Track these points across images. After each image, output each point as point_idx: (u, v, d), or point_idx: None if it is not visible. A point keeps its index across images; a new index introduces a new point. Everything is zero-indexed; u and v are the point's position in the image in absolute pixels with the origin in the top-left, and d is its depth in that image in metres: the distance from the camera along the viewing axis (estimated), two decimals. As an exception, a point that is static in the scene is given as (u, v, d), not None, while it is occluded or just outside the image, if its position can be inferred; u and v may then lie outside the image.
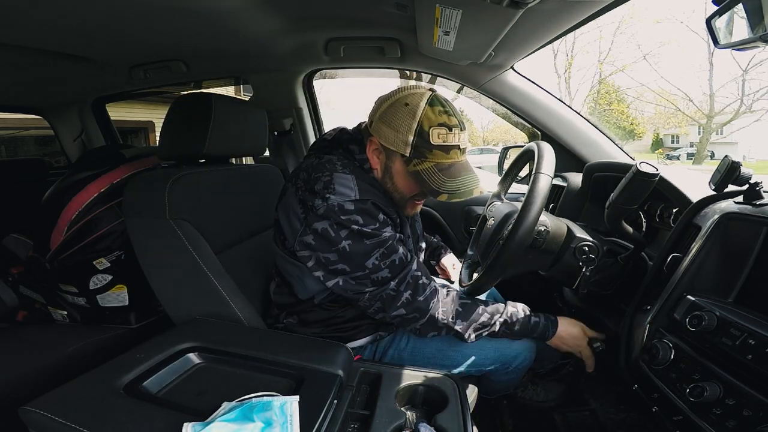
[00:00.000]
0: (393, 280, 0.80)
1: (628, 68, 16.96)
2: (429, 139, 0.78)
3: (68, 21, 0.94)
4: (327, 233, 0.78)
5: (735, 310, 0.62)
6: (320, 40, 1.29)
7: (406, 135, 0.79)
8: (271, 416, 0.53)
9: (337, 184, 0.78)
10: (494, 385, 1.02)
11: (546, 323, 0.91)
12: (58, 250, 1.21)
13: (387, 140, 0.82)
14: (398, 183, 0.86)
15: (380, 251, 0.79)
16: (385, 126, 0.82)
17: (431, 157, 0.80)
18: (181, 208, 0.88)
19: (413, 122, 0.78)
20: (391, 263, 0.80)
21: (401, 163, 0.84)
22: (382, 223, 0.80)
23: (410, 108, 0.79)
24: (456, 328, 0.84)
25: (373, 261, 0.79)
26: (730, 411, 0.56)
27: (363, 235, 0.78)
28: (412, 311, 0.82)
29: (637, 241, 0.88)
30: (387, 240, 0.80)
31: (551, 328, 0.91)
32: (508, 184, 1.11)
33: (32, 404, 0.56)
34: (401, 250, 0.82)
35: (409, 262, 0.83)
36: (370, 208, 0.79)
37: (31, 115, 2.04)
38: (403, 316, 0.83)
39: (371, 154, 0.86)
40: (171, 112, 1.02)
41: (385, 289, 0.80)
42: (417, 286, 0.83)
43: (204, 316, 0.87)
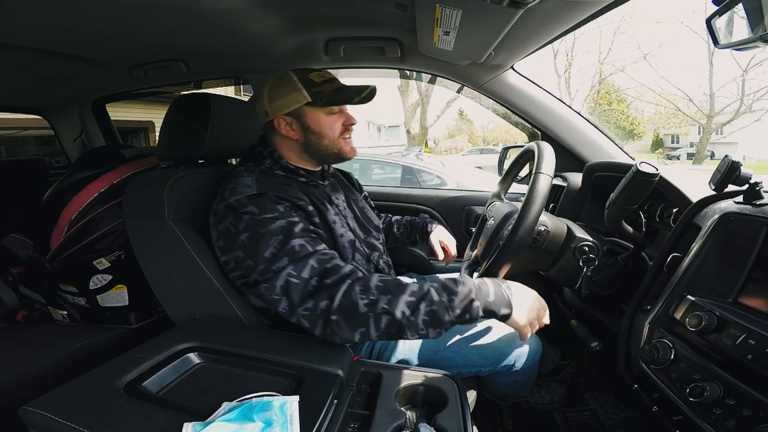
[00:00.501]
0: (293, 267, 0.73)
1: (628, 68, 17.04)
2: (314, 80, 0.89)
3: (68, 21, 0.94)
4: (228, 230, 0.79)
5: (735, 310, 0.62)
6: (320, 40, 1.29)
7: (297, 90, 0.88)
8: (271, 416, 0.53)
9: (238, 185, 0.82)
10: (501, 389, 1.01)
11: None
12: (58, 250, 1.21)
13: (288, 105, 0.88)
14: (322, 128, 0.91)
15: (278, 239, 0.75)
16: (278, 99, 0.89)
17: (327, 87, 0.89)
18: (180, 209, 0.88)
19: (295, 81, 0.88)
20: (290, 250, 0.74)
21: (312, 110, 0.89)
22: (283, 212, 0.78)
23: (284, 78, 0.90)
24: (382, 304, 0.70)
25: (271, 251, 0.74)
26: (730, 411, 0.56)
27: (258, 223, 0.76)
28: (322, 299, 0.71)
29: (637, 241, 0.88)
30: (284, 227, 0.76)
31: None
32: (508, 184, 1.11)
33: (32, 404, 0.56)
34: (304, 239, 0.76)
35: (316, 251, 0.76)
36: (267, 199, 0.79)
37: (31, 115, 2.04)
38: (313, 310, 0.71)
39: (285, 131, 0.91)
40: (170, 113, 1.02)
41: (287, 279, 0.73)
42: (325, 270, 0.74)
43: (204, 316, 0.87)
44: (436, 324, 0.71)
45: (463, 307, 0.71)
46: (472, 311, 0.72)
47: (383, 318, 0.70)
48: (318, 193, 0.93)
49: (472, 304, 0.72)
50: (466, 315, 0.72)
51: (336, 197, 0.98)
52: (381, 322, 0.70)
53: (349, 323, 0.70)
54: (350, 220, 0.98)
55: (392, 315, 0.70)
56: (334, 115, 0.92)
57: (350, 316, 0.70)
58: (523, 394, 1.10)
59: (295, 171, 0.92)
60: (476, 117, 27.55)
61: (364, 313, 0.70)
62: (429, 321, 0.70)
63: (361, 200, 1.12)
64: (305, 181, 0.93)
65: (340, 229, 0.91)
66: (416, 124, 13.78)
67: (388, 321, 0.70)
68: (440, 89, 3.78)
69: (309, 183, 0.93)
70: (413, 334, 0.71)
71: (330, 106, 0.90)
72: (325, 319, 0.71)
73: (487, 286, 0.75)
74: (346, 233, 0.92)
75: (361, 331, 0.71)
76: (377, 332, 0.71)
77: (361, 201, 1.12)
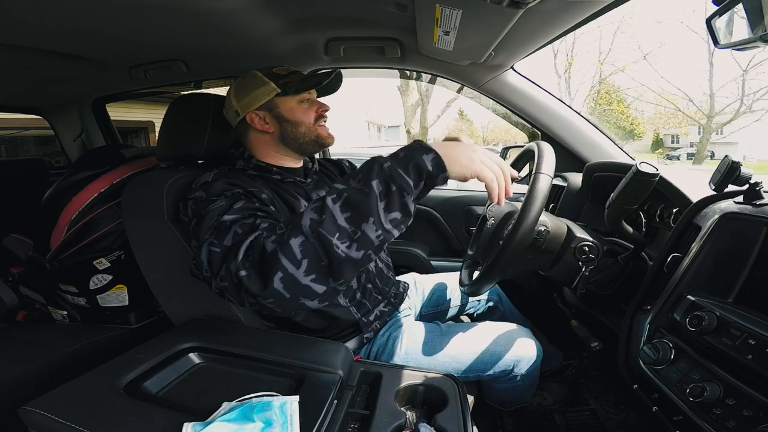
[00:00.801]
0: (215, 236, 0.66)
1: (628, 68, 17.01)
2: (280, 74, 0.90)
3: (68, 21, 0.94)
4: (183, 221, 0.79)
5: (735, 310, 0.62)
6: (320, 40, 1.29)
7: (265, 83, 0.88)
8: (271, 416, 0.53)
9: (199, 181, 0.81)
10: (502, 394, 1.00)
11: (407, 153, 0.61)
12: (58, 250, 1.21)
13: (258, 99, 0.88)
14: (296, 116, 0.90)
15: (215, 219, 0.68)
16: (247, 96, 0.89)
17: (293, 77, 0.90)
18: (179, 210, 0.88)
19: (261, 76, 0.89)
20: (221, 223, 0.67)
21: (284, 100, 0.89)
22: (229, 197, 0.73)
23: (248, 76, 0.91)
24: (288, 231, 0.59)
25: (208, 227, 0.68)
26: (730, 411, 0.56)
27: (201, 205, 0.72)
28: (230, 259, 0.62)
29: (637, 241, 0.88)
30: (225, 206, 0.70)
31: (420, 154, 0.60)
32: (508, 184, 1.10)
33: (32, 404, 0.56)
34: (239, 213, 0.69)
35: (244, 218, 0.68)
36: (217, 183, 0.76)
37: (31, 115, 2.04)
38: (227, 276, 0.62)
39: (260, 125, 0.90)
40: (169, 113, 1.02)
41: (209, 248, 0.65)
42: (244, 234, 0.65)
43: (204, 316, 0.87)
44: (363, 213, 0.57)
45: (378, 177, 0.58)
46: (393, 176, 0.58)
47: (293, 242, 0.57)
48: (292, 189, 0.91)
49: (383, 167, 0.58)
50: (391, 186, 0.58)
51: (318, 194, 0.94)
52: (293, 249, 0.57)
53: (261, 271, 0.59)
54: None
55: (300, 230, 0.57)
56: (305, 103, 0.92)
57: (261, 262, 0.59)
58: (526, 400, 1.09)
59: (267, 168, 0.91)
60: (476, 117, 27.57)
61: (273, 251, 0.58)
62: (352, 215, 0.57)
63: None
64: (279, 178, 0.91)
65: None
66: (416, 124, 13.77)
67: (301, 243, 0.57)
68: (440, 89, 3.74)
69: (284, 180, 0.92)
70: (344, 242, 0.57)
71: (301, 92, 0.90)
72: (235, 277, 0.60)
73: (396, 151, 0.62)
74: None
75: (279, 276, 0.57)
76: (298, 267, 0.57)
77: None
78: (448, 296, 1.20)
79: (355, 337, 0.93)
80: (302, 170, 0.99)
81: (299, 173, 0.97)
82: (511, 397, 1.03)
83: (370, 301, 0.95)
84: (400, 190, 0.58)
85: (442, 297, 1.20)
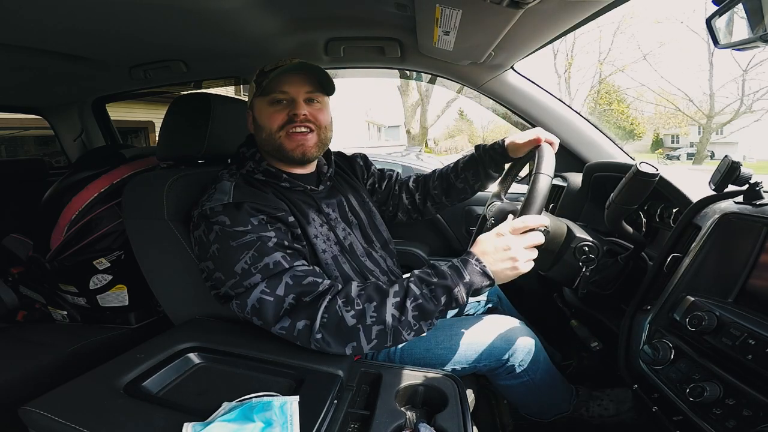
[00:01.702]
0: (266, 284, 0.70)
1: (628, 68, 16.99)
2: (265, 70, 0.84)
3: (68, 21, 0.94)
4: (201, 239, 0.75)
5: (735, 310, 0.62)
6: (320, 40, 1.29)
7: (255, 81, 0.86)
8: (271, 416, 0.53)
9: (217, 191, 0.79)
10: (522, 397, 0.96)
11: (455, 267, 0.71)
12: (58, 250, 1.21)
13: (249, 99, 0.89)
14: (262, 119, 0.84)
15: (249, 254, 0.71)
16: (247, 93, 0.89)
17: (272, 74, 0.81)
18: (179, 209, 0.88)
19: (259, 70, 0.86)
20: (264, 267, 0.70)
21: (258, 101, 0.85)
22: (256, 226, 0.74)
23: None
24: (370, 313, 0.67)
25: (242, 265, 0.70)
26: (730, 411, 0.56)
27: (228, 235, 0.72)
28: (300, 318, 0.68)
29: (637, 241, 0.88)
30: (256, 242, 0.72)
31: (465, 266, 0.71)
32: (508, 184, 1.11)
33: (32, 404, 0.56)
34: (278, 254, 0.72)
35: (293, 266, 0.72)
36: (242, 210, 0.74)
37: (31, 115, 2.04)
38: (290, 330, 0.69)
39: (250, 127, 0.89)
40: (169, 113, 1.02)
41: (260, 296, 0.69)
42: (301, 288, 0.70)
43: (204, 316, 0.87)
44: (426, 317, 0.69)
45: (446, 296, 0.69)
46: (457, 298, 0.69)
47: (374, 328, 0.67)
48: (304, 201, 0.87)
49: (452, 292, 0.69)
50: (452, 304, 0.69)
51: (328, 204, 0.91)
52: (372, 332, 0.67)
53: (338, 339, 0.68)
54: (341, 230, 0.90)
55: (383, 321, 0.67)
56: (277, 105, 0.83)
57: (338, 331, 0.68)
58: (562, 408, 1.00)
59: (276, 175, 0.86)
60: (476, 117, 27.58)
61: (353, 326, 0.67)
62: (418, 316, 0.68)
63: (369, 202, 1.04)
64: (288, 186, 0.87)
65: (321, 245, 0.84)
66: (416, 124, 13.78)
67: (379, 330, 0.67)
68: (440, 89, 3.78)
69: (294, 188, 0.87)
70: (408, 334, 0.69)
71: (268, 94, 0.82)
72: (306, 338, 0.68)
73: (459, 270, 0.71)
74: (330, 248, 0.85)
75: (353, 345, 0.68)
76: (369, 343, 0.68)
77: (369, 204, 1.04)
78: (448, 296, 1.20)
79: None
80: (315, 176, 0.95)
81: (310, 180, 0.92)
82: (533, 400, 0.97)
83: None
84: (456, 307, 0.71)
85: (442, 297, 1.20)
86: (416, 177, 1.17)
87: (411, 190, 1.16)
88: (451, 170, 1.11)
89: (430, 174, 1.15)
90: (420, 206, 1.15)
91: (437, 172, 1.14)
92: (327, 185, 0.95)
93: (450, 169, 1.12)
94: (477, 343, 0.91)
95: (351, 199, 0.98)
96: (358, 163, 1.12)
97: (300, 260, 0.75)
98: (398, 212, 1.17)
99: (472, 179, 1.09)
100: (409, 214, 1.17)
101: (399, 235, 1.66)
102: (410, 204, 1.15)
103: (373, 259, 0.95)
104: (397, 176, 1.18)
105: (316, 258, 0.83)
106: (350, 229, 0.94)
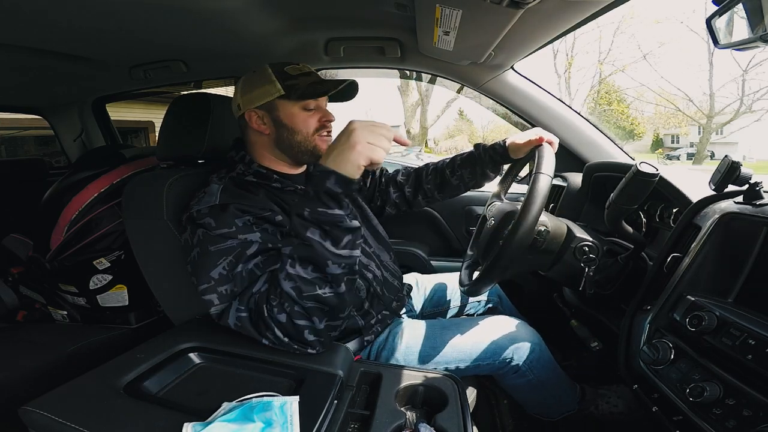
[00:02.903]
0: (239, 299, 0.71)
1: (628, 68, 16.98)
2: (290, 73, 0.84)
3: (68, 21, 0.94)
4: (187, 242, 0.76)
5: (735, 310, 0.62)
6: (320, 40, 1.29)
7: (271, 82, 0.83)
8: (271, 416, 0.53)
9: (205, 194, 0.78)
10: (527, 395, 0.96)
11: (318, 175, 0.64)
12: (58, 250, 1.21)
13: (260, 98, 0.84)
14: (295, 123, 0.85)
15: (228, 259, 0.71)
16: (251, 92, 0.84)
17: (302, 80, 0.84)
18: (179, 210, 0.87)
19: (269, 73, 0.84)
20: (238, 275, 0.71)
21: (285, 104, 0.84)
22: (241, 228, 0.73)
23: (259, 70, 0.85)
24: (283, 301, 0.67)
25: (220, 270, 0.71)
26: (730, 411, 0.56)
27: (209, 240, 0.72)
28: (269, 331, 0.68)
29: (637, 241, 0.88)
30: (236, 248, 0.72)
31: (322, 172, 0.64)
32: (508, 184, 1.11)
33: (32, 404, 0.56)
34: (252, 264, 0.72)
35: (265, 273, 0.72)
36: (228, 212, 0.74)
37: (31, 115, 2.04)
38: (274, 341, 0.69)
39: (257, 125, 0.86)
40: (169, 113, 1.02)
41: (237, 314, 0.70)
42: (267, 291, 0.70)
43: (204, 316, 0.87)
44: (319, 261, 0.64)
45: (306, 227, 0.64)
46: (316, 218, 0.64)
47: (295, 308, 0.66)
48: (292, 200, 0.87)
49: (303, 216, 0.64)
50: (323, 226, 0.64)
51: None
52: (296, 314, 0.67)
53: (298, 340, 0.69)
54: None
55: (292, 300, 0.66)
56: (309, 110, 0.86)
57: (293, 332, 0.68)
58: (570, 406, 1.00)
59: (268, 176, 0.87)
60: (476, 117, 27.55)
61: (287, 322, 0.67)
62: (314, 267, 0.65)
63: (357, 198, 1.06)
64: (279, 186, 0.87)
65: None
66: (416, 124, 13.79)
67: (298, 311, 0.67)
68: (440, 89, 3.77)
69: (285, 188, 0.88)
70: (323, 288, 0.66)
71: (305, 99, 0.84)
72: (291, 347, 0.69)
73: (303, 193, 0.67)
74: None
75: (307, 331, 0.68)
76: (312, 322, 0.67)
77: (358, 200, 1.06)
78: (448, 297, 1.20)
79: (356, 339, 0.93)
80: (303, 176, 0.96)
81: (300, 180, 0.94)
82: (539, 398, 0.97)
83: (374, 309, 0.95)
84: (333, 222, 0.64)
85: (442, 297, 1.20)
86: (404, 170, 1.17)
87: (399, 183, 1.16)
88: (447, 166, 1.11)
89: (423, 168, 1.16)
90: (410, 199, 1.15)
91: (431, 167, 1.14)
92: None
93: (446, 165, 1.12)
94: (478, 343, 0.91)
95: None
96: None
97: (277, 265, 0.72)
98: (386, 206, 1.17)
99: (468, 177, 1.09)
100: (398, 207, 1.18)
101: (399, 235, 1.66)
102: (398, 198, 1.16)
103: (369, 255, 0.96)
104: (382, 171, 1.18)
105: None
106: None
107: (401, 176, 1.16)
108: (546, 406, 1.00)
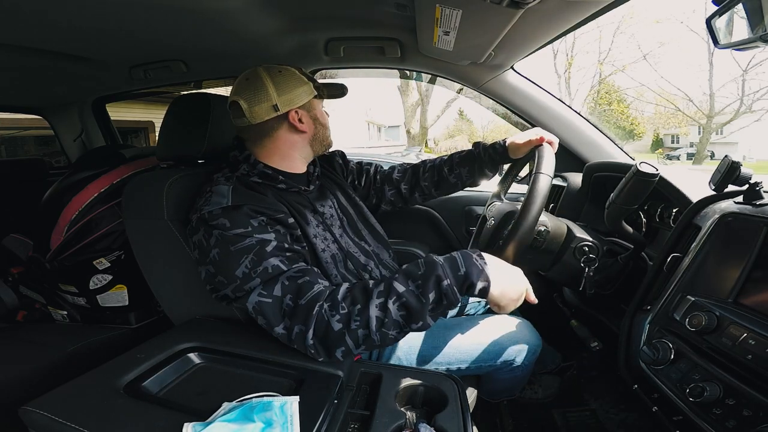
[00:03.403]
0: (263, 287, 0.71)
1: (628, 68, 16.98)
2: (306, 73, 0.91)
3: (68, 21, 0.94)
4: (201, 244, 0.75)
5: (735, 310, 0.62)
6: (320, 40, 1.29)
7: (305, 83, 0.88)
8: (271, 416, 0.53)
9: (214, 194, 0.78)
10: (496, 385, 1.00)
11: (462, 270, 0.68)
12: (58, 250, 1.21)
13: (301, 98, 0.87)
14: (325, 119, 0.94)
15: (249, 257, 0.71)
16: (290, 92, 0.86)
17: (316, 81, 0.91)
18: (179, 210, 0.88)
19: (299, 74, 0.88)
20: (263, 271, 0.71)
21: (317, 103, 0.91)
22: (256, 228, 0.74)
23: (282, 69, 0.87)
24: (354, 316, 0.67)
25: (243, 269, 0.71)
26: (730, 411, 0.56)
27: (228, 240, 0.72)
28: (296, 322, 0.68)
29: (637, 241, 0.88)
30: (255, 246, 0.72)
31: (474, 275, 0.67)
32: (508, 184, 1.11)
33: (32, 404, 0.56)
34: (278, 258, 0.72)
35: (290, 269, 0.73)
36: (242, 212, 0.74)
37: (31, 115, 2.04)
38: (289, 332, 0.69)
39: (296, 123, 0.87)
40: (169, 113, 1.02)
41: (258, 299, 0.70)
42: (298, 288, 0.70)
43: (204, 316, 0.87)
44: (414, 317, 0.66)
45: (435, 291, 0.65)
46: (447, 293, 0.65)
47: (359, 332, 0.66)
48: (299, 202, 0.87)
49: (441, 285, 0.65)
50: (443, 300, 0.66)
51: (322, 204, 0.93)
52: (358, 336, 0.67)
53: (326, 345, 0.68)
54: (336, 228, 0.92)
55: (367, 325, 0.66)
56: (324, 108, 0.95)
57: (326, 337, 0.67)
58: (515, 392, 1.09)
59: (273, 177, 0.86)
60: (476, 117, 27.54)
61: (339, 331, 0.66)
62: (406, 316, 0.66)
63: (355, 197, 1.06)
64: (284, 187, 0.87)
65: (320, 244, 0.85)
66: (416, 124, 13.79)
67: (365, 334, 0.66)
68: (440, 89, 3.77)
69: (290, 189, 0.88)
70: (397, 334, 0.67)
71: (331, 98, 0.93)
72: (302, 342, 0.68)
73: (456, 260, 0.68)
74: (328, 247, 0.87)
75: (341, 350, 0.68)
76: (357, 348, 0.68)
77: (356, 198, 1.06)
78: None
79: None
80: (305, 176, 0.96)
81: (302, 180, 0.94)
82: (502, 388, 1.02)
83: None
84: (449, 305, 0.67)
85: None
86: (400, 167, 1.18)
87: (395, 181, 1.16)
88: (445, 164, 1.13)
89: (419, 165, 1.16)
90: (406, 196, 1.16)
91: (428, 164, 1.15)
92: (316, 185, 0.97)
93: (444, 162, 1.13)
94: (478, 344, 0.91)
95: (339, 197, 1.00)
96: (338, 161, 1.13)
97: (299, 263, 0.75)
98: (381, 204, 1.18)
99: (466, 176, 1.11)
100: (393, 204, 1.18)
101: (399, 234, 1.66)
102: (394, 195, 1.17)
103: (368, 254, 0.96)
104: (377, 169, 1.19)
105: (317, 258, 0.83)
106: (344, 226, 0.95)
107: (397, 173, 1.17)
108: (498, 390, 1.04)
